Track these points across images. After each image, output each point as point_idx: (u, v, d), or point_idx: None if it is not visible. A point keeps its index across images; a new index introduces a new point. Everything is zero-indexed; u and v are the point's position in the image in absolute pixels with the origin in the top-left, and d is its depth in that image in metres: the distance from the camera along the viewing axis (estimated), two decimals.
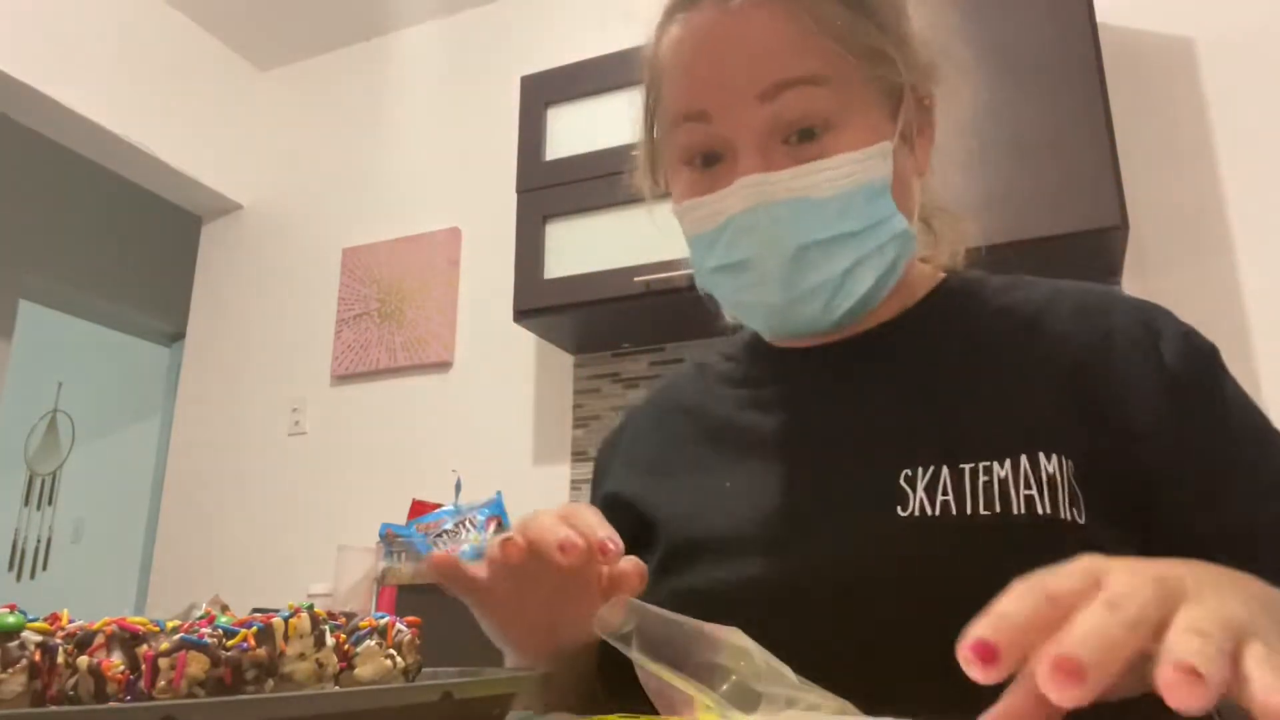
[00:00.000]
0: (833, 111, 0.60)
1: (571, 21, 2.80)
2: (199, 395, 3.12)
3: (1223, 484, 0.56)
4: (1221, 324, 1.90)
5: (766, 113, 0.60)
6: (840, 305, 0.63)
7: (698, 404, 0.74)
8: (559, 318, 2.30)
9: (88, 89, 2.74)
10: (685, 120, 0.63)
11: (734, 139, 0.61)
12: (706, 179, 0.64)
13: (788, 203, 0.60)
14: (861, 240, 0.61)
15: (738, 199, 0.61)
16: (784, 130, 0.60)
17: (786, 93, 0.59)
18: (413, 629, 0.42)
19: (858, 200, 0.60)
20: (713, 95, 0.61)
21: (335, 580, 2.28)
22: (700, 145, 0.63)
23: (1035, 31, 1.85)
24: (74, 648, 0.35)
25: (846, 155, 0.60)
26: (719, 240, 0.63)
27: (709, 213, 0.63)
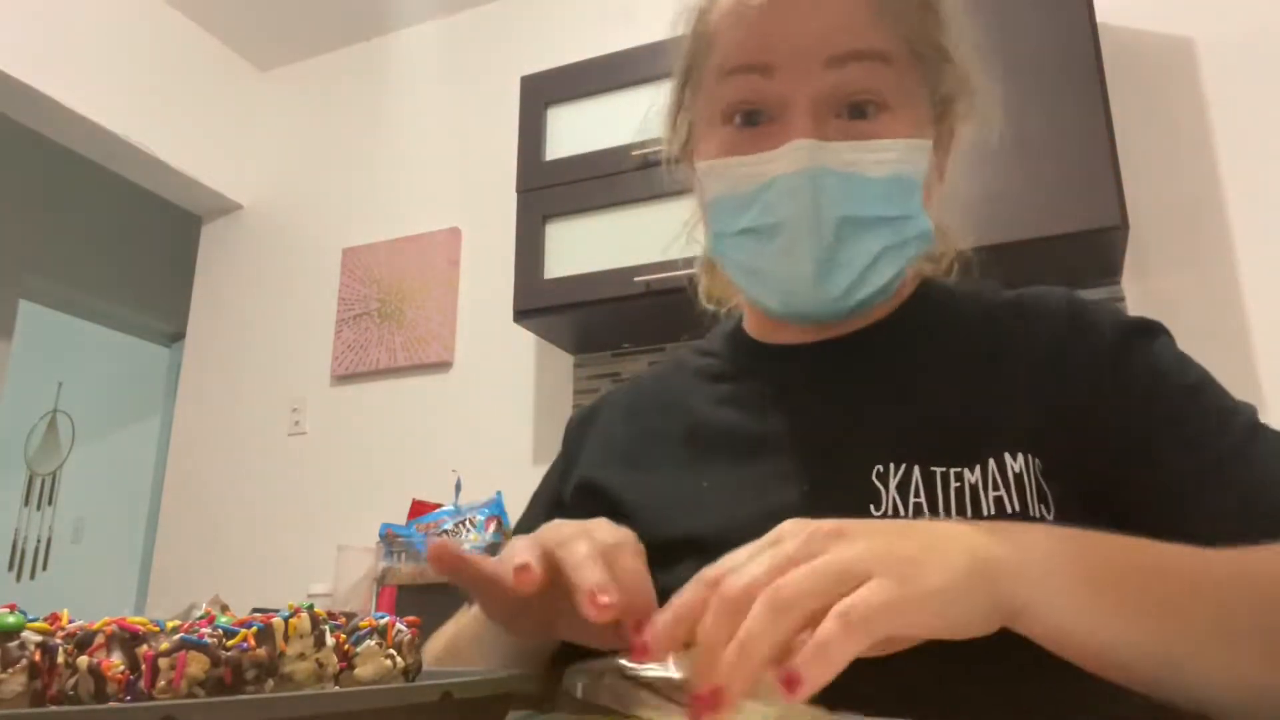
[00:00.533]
0: (890, 93, 0.60)
1: (571, 21, 2.80)
2: (199, 395, 3.12)
3: (1157, 442, 0.57)
4: (1221, 324, 1.90)
5: (831, 79, 0.60)
6: (858, 291, 0.63)
7: (675, 399, 0.74)
8: (559, 318, 2.30)
9: (88, 89, 2.74)
10: (743, 71, 0.61)
11: (791, 99, 0.60)
12: (747, 138, 0.62)
13: (839, 173, 0.59)
14: (894, 228, 0.61)
15: (788, 160, 0.59)
16: (841, 100, 0.60)
17: (855, 64, 0.59)
18: (413, 629, 0.42)
19: (898, 189, 0.61)
20: (780, 49, 0.60)
21: (335, 580, 2.28)
22: (751, 100, 0.62)
23: (1035, 31, 1.85)
24: (74, 648, 0.35)
25: (896, 141, 0.60)
26: (756, 201, 0.62)
27: (751, 172, 0.62)
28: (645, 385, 0.80)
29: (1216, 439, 0.56)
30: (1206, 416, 0.57)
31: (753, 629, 0.35)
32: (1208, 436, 0.56)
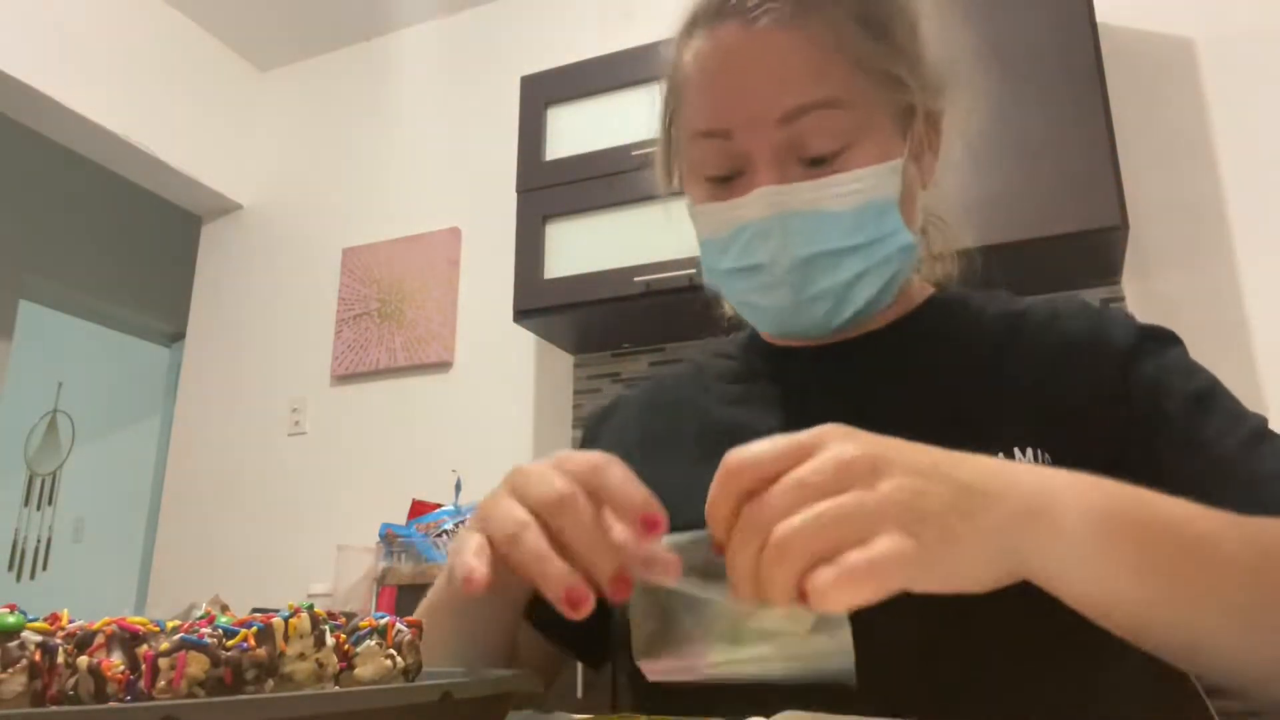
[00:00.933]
0: (848, 132, 0.62)
1: (571, 21, 2.80)
2: (199, 395, 3.12)
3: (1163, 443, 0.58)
4: (1221, 324, 1.90)
5: (785, 133, 0.62)
6: (842, 312, 0.66)
7: (690, 399, 0.76)
8: (559, 318, 2.31)
9: (88, 89, 2.75)
10: (706, 137, 0.65)
11: (753, 155, 0.63)
12: (723, 190, 0.66)
13: (802, 213, 0.62)
14: (868, 252, 0.64)
15: (756, 207, 0.63)
16: (801, 150, 0.63)
17: (806, 116, 0.62)
18: (413, 629, 0.42)
19: (868, 215, 0.63)
20: (734, 115, 0.63)
21: (335, 580, 2.28)
22: (719, 163, 0.65)
23: (1035, 31, 1.85)
24: (74, 648, 0.35)
25: (860, 172, 0.62)
26: (733, 244, 0.66)
27: (725, 219, 0.65)
28: (662, 384, 0.82)
29: (1222, 442, 0.56)
30: (1213, 421, 0.58)
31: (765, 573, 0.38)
32: (1214, 440, 0.57)
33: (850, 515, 0.38)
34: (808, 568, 0.37)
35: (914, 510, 0.38)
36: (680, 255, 2.05)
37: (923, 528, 0.38)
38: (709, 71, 0.65)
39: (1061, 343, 0.64)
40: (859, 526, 0.37)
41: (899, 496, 0.38)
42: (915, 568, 0.37)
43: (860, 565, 0.36)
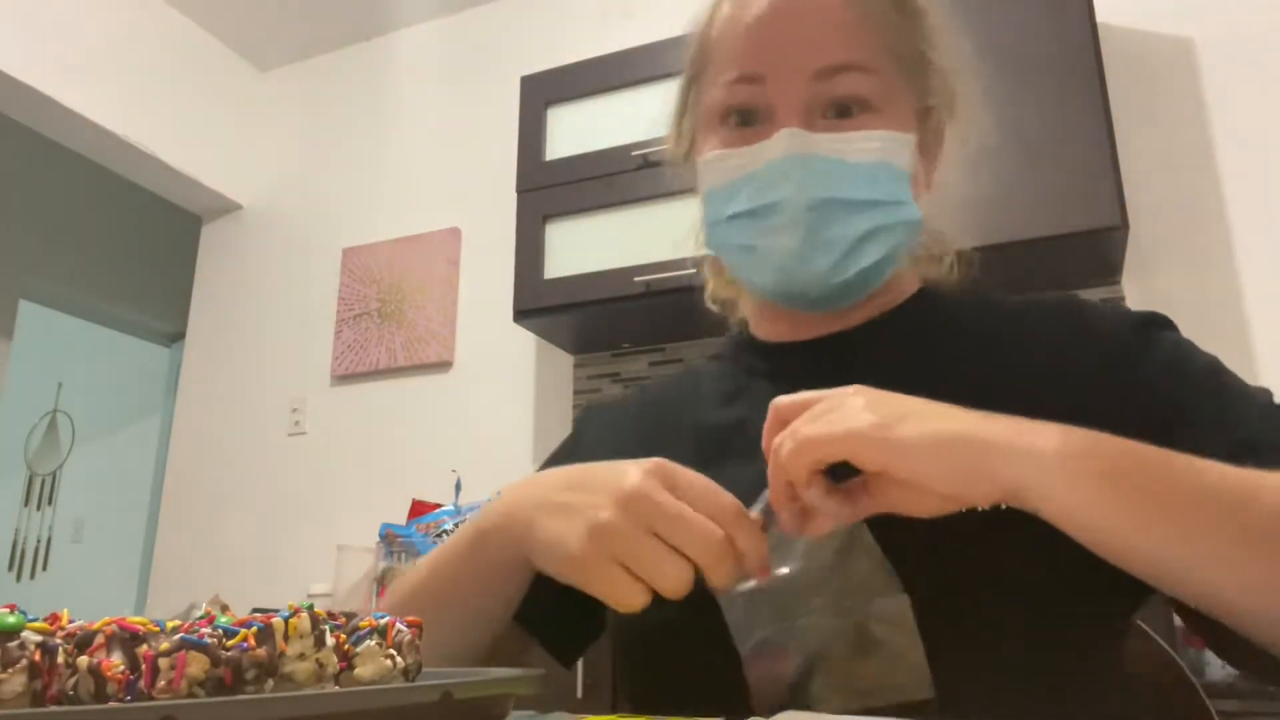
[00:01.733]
0: (874, 97, 0.65)
1: (571, 21, 2.80)
2: (199, 395, 3.12)
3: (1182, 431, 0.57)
4: (1221, 324, 1.90)
5: (818, 88, 0.64)
6: (847, 269, 0.66)
7: (685, 402, 0.76)
8: (559, 318, 2.31)
9: (88, 89, 2.75)
10: (738, 80, 0.66)
11: (780, 104, 0.65)
12: (741, 135, 0.67)
13: (825, 158, 0.64)
14: (880, 212, 0.65)
15: (779, 146, 0.64)
16: (827, 105, 0.65)
17: (839, 75, 0.64)
18: (413, 629, 0.42)
19: (883, 175, 0.65)
20: (771, 62, 0.65)
21: (335, 580, 2.28)
22: (745, 104, 0.67)
23: (1035, 31, 1.85)
24: (74, 648, 0.35)
25: (880, 132, 0.65)
26: (748, 185, 0.66)
27: (744, 162, 0.66)
28: (656, 388, 0.82)
29: (1242, 423, 0.57)
30: (1230, 402, 0.58)
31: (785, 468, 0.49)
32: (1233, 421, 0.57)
33: (816, 413, 0.49)
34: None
35: (872, 410, 0.48)
36: (680, 255, 2.05)
37: (872, 415, 0.47)
38: (752, 18, 0.66)
39: (1054, 344, 0.64)
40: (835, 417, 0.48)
41: (863, 401, 0.48)
42: (855, 442, 0.47)
43: (803, 433, 0.48)
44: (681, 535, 0.49)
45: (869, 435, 0.46)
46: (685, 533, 0.49)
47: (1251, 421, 0.56)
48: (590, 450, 0.77)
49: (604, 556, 0.50)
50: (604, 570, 0.50)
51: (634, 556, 0.49)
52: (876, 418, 0.47)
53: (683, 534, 0.49)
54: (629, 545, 0.49)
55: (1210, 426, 0.57)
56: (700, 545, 0.49)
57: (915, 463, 0.46)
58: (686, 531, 0.49)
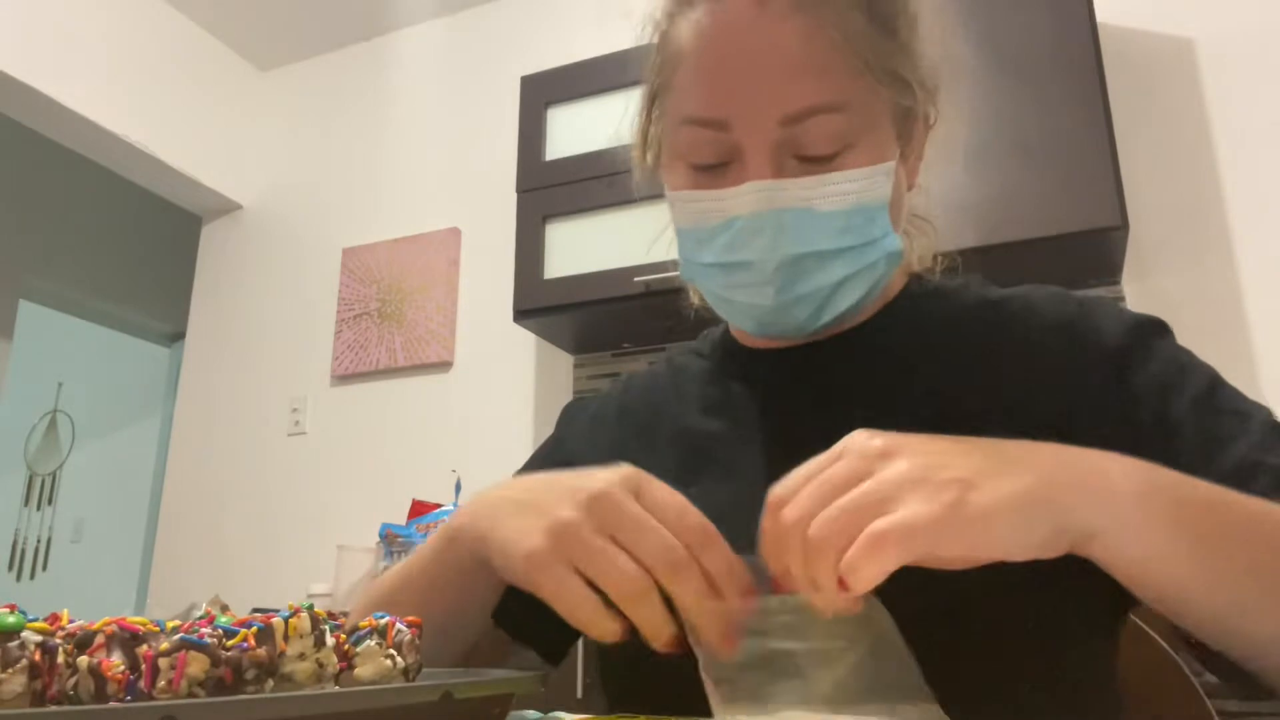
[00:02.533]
0: (848, 134, 0.60)
1: (571, 21, 2.80)
2: (199, 395, 3.12)
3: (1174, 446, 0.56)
4: (1221, 324, 1.90)
5: (786, 133, 0.60)
6: (823, 316, 0.65)
7: (665, 403, 0.74)
8: (559, 318, 2.31)
9: (88, 89, 2.74)
10: (700, 124, 0.62)
11: (747, 150, 0.61)
12: (708, 176, 0.63)
13: (796, 211, 0.60)
14: (856, 256, 0.62)
15: (747, 201, 0.60)
16: (798, 149, 0.61)
17: (809, 119, 0.59)
18: (413, 629, 0.42)
19: (858, 218, 0.61)
20: (735, 106, 0.60)
21: (335, 580, 2.28)
22: (709, 152, 0.62)
23: (1035, 31, 1.85)
24: (74, 648, 0.35)
25: (853, 172, 0.60)
26: (718, 237, 0.63)
27: (711, 209, 0.63)
28: (638, 385, 0.80)
29: (1235, 443, 0.55)
30: (1224, 420, 0.57)
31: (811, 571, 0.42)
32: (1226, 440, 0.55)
33: (869, 495, 0.41)
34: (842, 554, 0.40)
35: (933, 480, 0.40)
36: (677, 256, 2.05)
37: (942, 492, 0.40)
38: (711, 55, 0.61)
39: (1041, 336, 0.63)
40: (879, 504, 0.40)
41: (915, 470, 0.41)
42: (937, 530, 0.39)
43: (879, 531, 0.39)
44: (641, 542, 0.46)
45: (949, 522, 0.39)
46: (645, 540, 0.46)
47: (1252, 440, 0.55)
48: (572, 452, 0.76)
49: (560, 558, 0.47)
50: (556, 572, 0.47)
51: (589, 559, 0.46)
52: (942, 495, 0.40)
53: (643, 541, 0.46)
54: (586, 547, 0.46)
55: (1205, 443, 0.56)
56: (660, 553, 0.46)
57: (1000, 542, 0.41)
58: (646, 539, 0.46)
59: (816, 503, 0.42)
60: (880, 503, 0.40)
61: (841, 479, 0.42)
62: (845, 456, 0.44)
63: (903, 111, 0.64)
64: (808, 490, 0.43)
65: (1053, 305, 0.65)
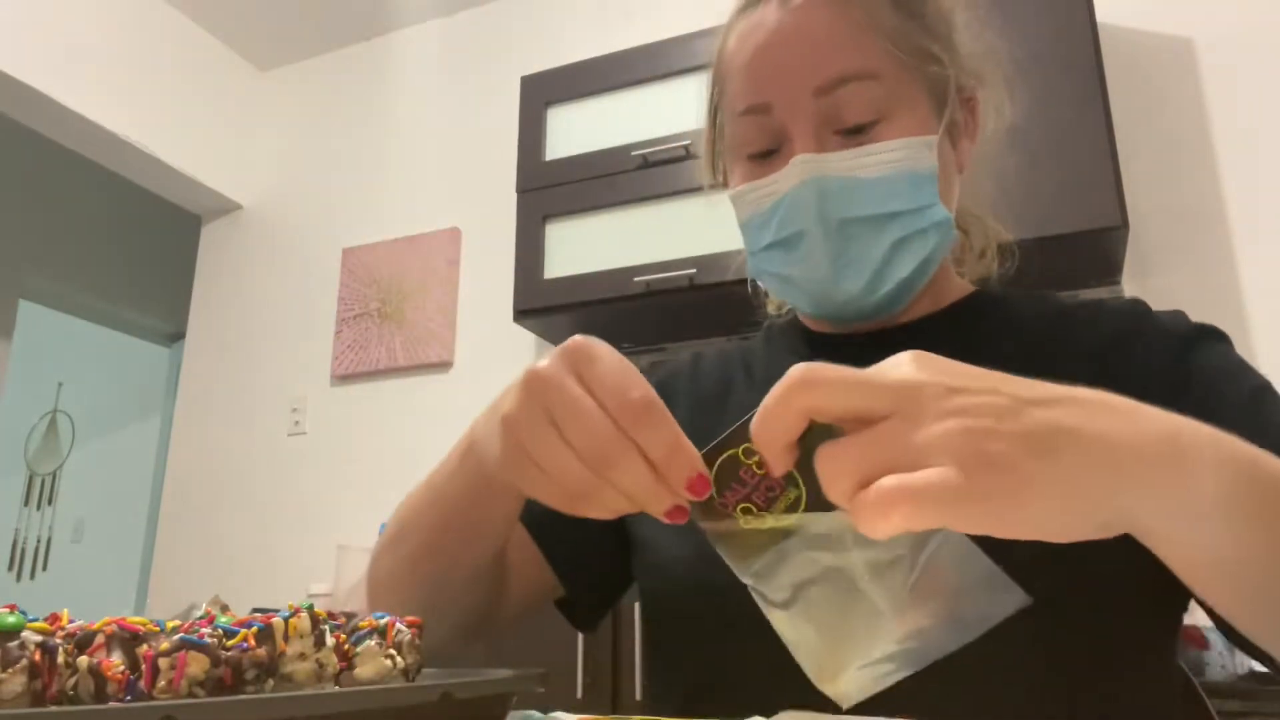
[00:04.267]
0: (883, 104, 0.64)
1: (571, 21, 2.80)
2: (199, 395, 3.12)
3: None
4: (1221, 324, 1.89)
5: (822, 104, 0.64)
6: (881, 285, 0.66)
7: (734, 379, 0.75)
8: (559, 318, 2.31)
9: (88, 89, 2.74)
10: (747, 113, 0.67)
11: (791, 128, 0.65)
12: (763, 166, 0.67)
13: (838, 179, 0.63)
14: (905, 221, 0.64)
15: (792, 175, 0.64)
16: (838, 122, 0.64)
17: (842, 88, 0.64)
18: (413, 629, 0.42)
19: (903, 184, 0.64)
20: (773, 88, 0.65)
21: (335, 580, 2.28)
22: (759, 139, 0.67)
23: (1035, 31, 1.85)
24: (74, 648, 0.35)
25: (893, 142, 0.64)
26: (773, 218, 0.67)
27: (765, 193, 0.67)
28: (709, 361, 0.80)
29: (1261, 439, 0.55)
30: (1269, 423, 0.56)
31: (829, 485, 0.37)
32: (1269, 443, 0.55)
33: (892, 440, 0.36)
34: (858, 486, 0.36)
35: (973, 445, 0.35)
36: (680, 255, 2.05)
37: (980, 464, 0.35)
38: (748, 50, 0.67)
39: (1109, 340, 0.64)
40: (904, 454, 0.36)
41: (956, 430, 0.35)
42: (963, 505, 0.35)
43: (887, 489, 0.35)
44: (571, 430, 0.42)
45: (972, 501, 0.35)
46: (574, 427, 0.42)
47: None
48: None
49: (520, 453, 0.44)
50: (522, 469, 0.44)
51: (535, 450, 0.43)
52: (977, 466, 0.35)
53: (572, 428, 0.42)
54: (530, 437, 0.43)
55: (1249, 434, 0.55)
56: (585, 442, 0.42)
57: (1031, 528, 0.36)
58: (575, 425, 0.42)
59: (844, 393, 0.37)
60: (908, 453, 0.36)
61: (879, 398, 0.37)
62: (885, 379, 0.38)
63: (939, 89, 0.67)
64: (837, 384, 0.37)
65: (1122, 314, 0.67)
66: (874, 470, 0.36)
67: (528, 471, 0.44)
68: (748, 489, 0.41)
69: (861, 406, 0.37)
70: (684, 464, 0.41)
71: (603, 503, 0.43)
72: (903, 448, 0.36)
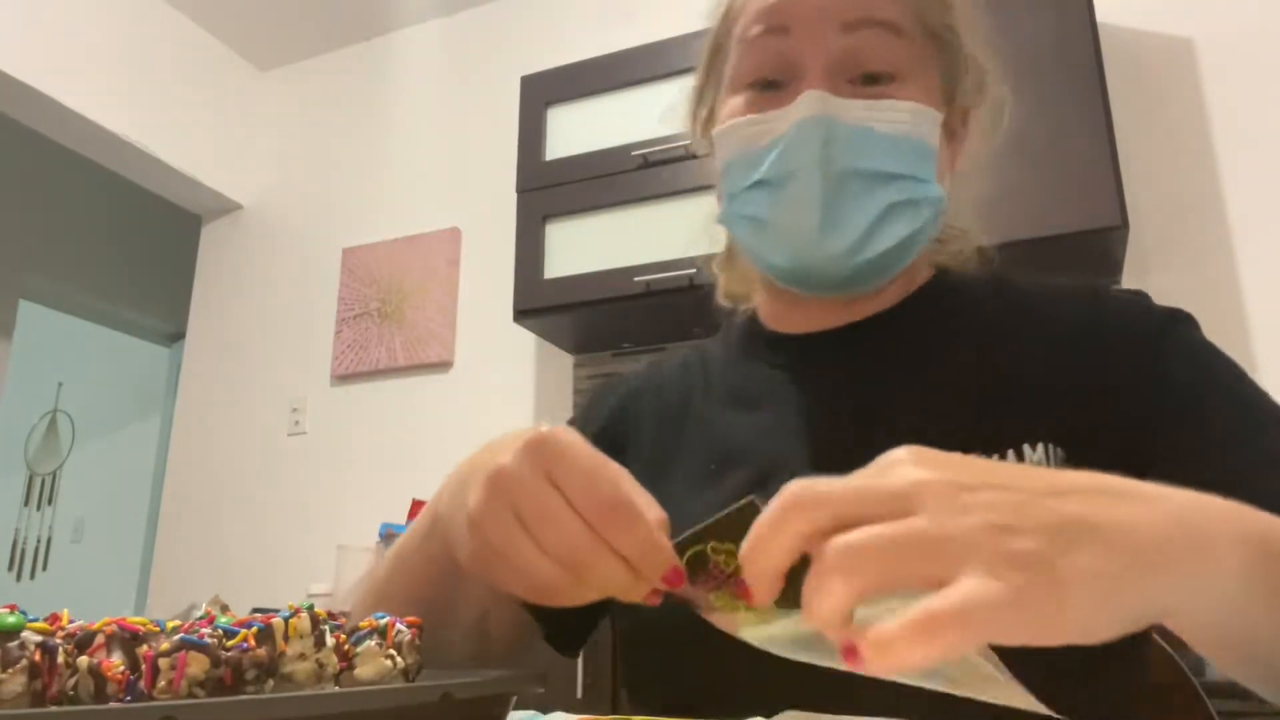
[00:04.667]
0: (903, 63, 0.62)
1: (571, 21, 2.80)
2: (199, 395, 3.12)
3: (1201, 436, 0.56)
4: (1221, 324, 1.90)
5: (846, 43, 0.62)
6: (864, 251, 0.62)
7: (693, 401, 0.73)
8: (559, 318, 2.31)
9: (88, 89, 2.74)
10: (763, 34, 0.63)
11: (806, 59, 0.62)
12: (765, 100, 0.64)
13: (849, 126, 0.61)
14: (903, 187, 0.62)
15: (803, 107, 0.61)
16: (855, 68, 0.62)
17: (869, 30, 0.61)
18: (413, 629, 0.42)
19: (909, 148, 0.62)
20: (798, 11, 0.62)
21: (335, 580, 2.28)
22: (771, 63, 0.64)
23: (1035, 31, 1.85)
24: (74, 648, 0.35)
25: (909, 103, 0.62)
26: (767, 155, 0.63)
27: (765, 128, 0.63)
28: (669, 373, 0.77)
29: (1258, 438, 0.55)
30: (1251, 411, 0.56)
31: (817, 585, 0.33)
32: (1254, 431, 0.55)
33: (927, 542, 0.31)
34: (863, 595, 0.31)
35: (1002, 545, 0.31)
36: (680, 255, 2.05)
37: (1010, 568, 0.30)
38: None
39: (1069, 326, 0.63)
40: (935, 559, 0.31)
41: (980, 528, 0.31)
42: (1001, 619, 0.30)
43: (944, 613, 0.29)
44: (541, 532, 0.41)
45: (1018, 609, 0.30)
46: (545, 531, 0.41)
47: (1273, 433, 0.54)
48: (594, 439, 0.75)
49: (489, 552, 0.43)
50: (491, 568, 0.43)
51: (505, 552, 0.42)
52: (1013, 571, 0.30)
53: (544, 532, 0.41)
54: (499, 538, 0.42)
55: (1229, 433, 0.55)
56: (558, 545, 0.41)
57: (1071, 632, 0.31)
58: (546, 530, 0.41)
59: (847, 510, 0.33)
60: (939, 559, 0.31)
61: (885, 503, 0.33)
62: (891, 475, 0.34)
63: (949, 77, 0.66)
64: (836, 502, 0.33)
65: (1081, 295, 0.65)
66: (895, 575, 0.31)
67: (497, 570, 0.43)
68: (717, 581, 0.40)
69: (866, 520, 0.32)
70: (658, 562, 0.41)
71: (577, 596, 0.42)
72: (925, 555, 0.31)
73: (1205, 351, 0.60)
